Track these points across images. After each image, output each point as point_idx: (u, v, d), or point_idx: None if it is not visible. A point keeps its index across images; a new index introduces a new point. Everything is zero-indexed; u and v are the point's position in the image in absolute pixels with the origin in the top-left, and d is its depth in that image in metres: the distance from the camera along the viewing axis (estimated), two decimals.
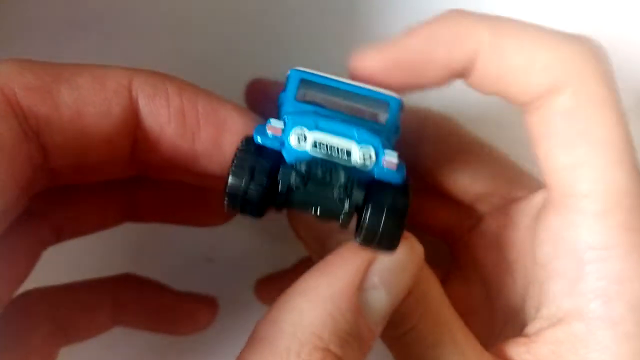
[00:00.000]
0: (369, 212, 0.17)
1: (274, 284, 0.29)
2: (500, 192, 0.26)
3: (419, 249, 0.19)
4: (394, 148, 0.18)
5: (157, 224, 0.26)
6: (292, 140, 0.17)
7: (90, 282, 0.26)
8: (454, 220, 0.27)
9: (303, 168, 0.17)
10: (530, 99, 0.21)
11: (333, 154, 0.18)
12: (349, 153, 0.17)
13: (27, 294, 0.23)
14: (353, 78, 0.21)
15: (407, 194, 0.18)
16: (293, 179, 0.17)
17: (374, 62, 0.21)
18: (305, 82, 0.20)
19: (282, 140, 0.18)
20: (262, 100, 0.25)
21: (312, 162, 0.17)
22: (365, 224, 0.18)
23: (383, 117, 0.20)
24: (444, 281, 0.27)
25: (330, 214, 0.18)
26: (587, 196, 0.19)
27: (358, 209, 0.18)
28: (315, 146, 0.17)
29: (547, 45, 0.20)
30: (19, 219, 0.19)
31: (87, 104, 0.18)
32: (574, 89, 0.20)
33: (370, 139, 0.18)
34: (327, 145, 0.17)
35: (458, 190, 0.26)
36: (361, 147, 0.18)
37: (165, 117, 0.19)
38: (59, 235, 0.23)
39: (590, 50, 0.20)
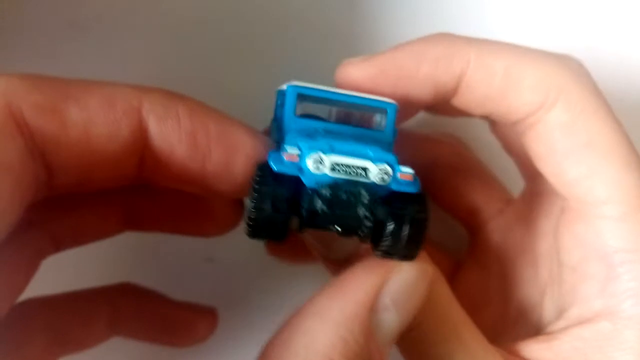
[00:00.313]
0: (392, 225, 0.18)
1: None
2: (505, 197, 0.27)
3: (430, 269, 0.20)
4: (393, 150, 0.19)
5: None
6: (310, 165, 0.18)
7: (88, 292, 0.25)
8: (481, 201, 0.27)
9: (328, 193, 0.18)
10: (521, 117, 0.21)
11: (351, 173, 0.18)
12: (366, 170, 0.18)
13: (26, 303, 0.23)
14: (339, 87, 0.22)
15: (426, 204, 0.19)
16: (319, 204, 0.18)
17: (360, 72, 0.22)
18: (303, 97, 0.20)
19: (300, 166, 0.18)
20: None
21: (334, 186, 0.18)
22: (388, 237, 0.18)
23: (382, 122, 0.21)
24: (459, 268, 0.28)
25: (353, 230, 0.18)
26: (605, 202, 0.20)
27: (378, 222, 0.18)
28: (334, 169, 0.18)
29: (533, 65, 0.21)
30: (17, 228, 0.18)
31: (95, 124, 0.17)
32: (564, 103, 0.20)
33: (384, 156, 0.18)
34: (345, 166, 0.18)
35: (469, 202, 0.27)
36: (377, 165, 0.18)
37: (175, 139, 0.19)
38: (58, 245, 0.23)
39: (573, 67, 0.21)
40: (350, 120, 0.21)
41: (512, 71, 0.21)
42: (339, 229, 0.18)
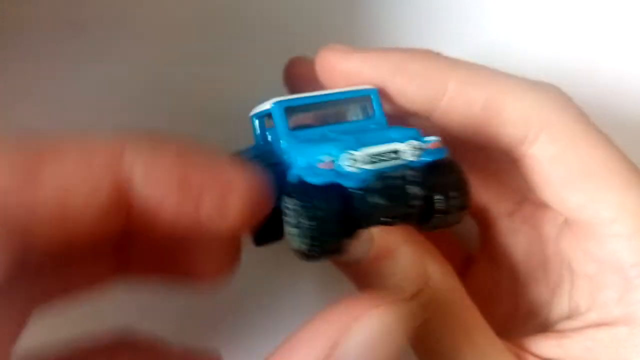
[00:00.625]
0: (439, 196, 0.19)
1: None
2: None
3: (397, 311, 0.16)
4: None
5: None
6: (348, 166, 0.18)
7: (81, 347, 0.21)
8: (492, 200, 0.27)
9: (379, 185, 0.18)
10: (504, 149, 0.22)
11: (387, 159, 0.18)
12: (397, 152, 0.18)
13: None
14: (319, 70, 0.22)
15: (459, 166, 0.19)
16: (375, 198, 0.17)
17: (339, 63, 0.22)
18: (290, 110, 0.20)
19: (337, 171, 0.18)
20: (302, 79, 0.25)
21: (381, 176, 0.18)
22: (440, 209, 0.19)
23: (369, 110, 0.21)
24: (469, 264, 0.28)
25: (407, 215, 0.18)
26: (614, 221, 0.21)
27: (427, 198, 0.18)
28: (372, 161, 0.18)
29: (513, 98, 0.21)
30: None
31: (73, 185, 0.15)
32: (549, 136, 0.21)
33: (407, 132, 0.19)
34: (379, 155, 0.18)
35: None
36: (406, 143, 0.18)
37: (164, 188, 0.17)
38: (48, 295, 0.20)
39: (556, 98, 0.21)
40: (339, 118, 0.21)
41: (491, 104, 0.21)
42: (392, 219, 0.18)
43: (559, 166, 0.21)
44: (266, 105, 0.21)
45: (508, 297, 0.26)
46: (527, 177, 0.22)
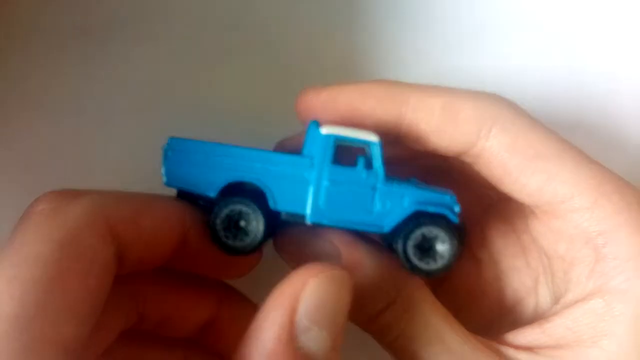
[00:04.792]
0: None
1: None
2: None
3: (341, 273, 0.20)
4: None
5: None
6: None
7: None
8: (467, 200, 0.28)
9: None
10: (464, 147, 0.24)
11: None
12: None
13: None
14: (298, 112, 0.26)
15: None
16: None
17: (315, 99, 0.25)
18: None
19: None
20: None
21: None
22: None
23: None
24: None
25: None
26: (573, 196, 0.22)
27: None
28: None
29: (467, 100, 0.24)
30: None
31: (159, 230, 0.23)
32: (501, 128, 0.23)
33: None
34: None
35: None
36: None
37: (205, 242, 0.24)
38: (143, 319, 0.25)
39: (504, 100, 0.24)
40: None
41: (448, 107, 0.23)
42: None
43: (513, 154, 0.23)
44: (367, 137, 0.23)
45: (493, 290, 0.27)
46: (488, 171, 0.24)
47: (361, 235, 0.24)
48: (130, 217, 0.22)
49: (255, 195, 0.23)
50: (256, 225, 0.23)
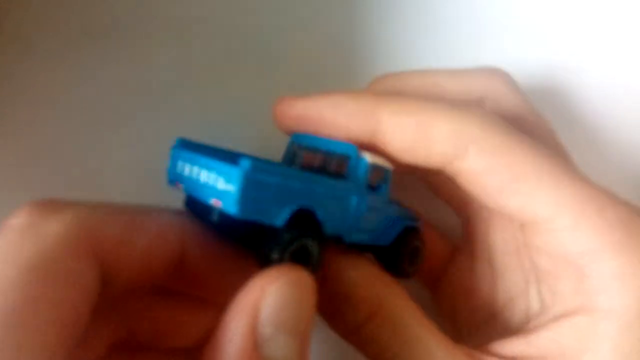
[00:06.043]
0: None
1: None
2: None
3: (300, 278, 0.19)
4: None
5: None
6: None
7: None
8: (471, 199, 0.28)
9: None
10: (438, 166, 0.23)
11: None
12: None
13: None
14: (274, 121, 0.25)
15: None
16: None
17: (289, 110, 0.24)
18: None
19: None
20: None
21: None
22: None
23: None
24: (453, 255, 0.30)
25: None
26: (554, 217, 0.22)
27: None
28: None
29: (442, 119, 0.22)
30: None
31: (152, 250, 0.21)
32: (477, 150, 0.22)
33: None
34: None
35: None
36: None
37: (207, 260, 0.23)
38: (133, 335, 0.24)
39: (482, 116, 0.22)
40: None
41: (422, 126, 0.22)
42: None
43: (491, 176, 0.22)
44: (386, 164, 0.24)
45: (486, 286, 0.27)
46: (468, 190, 0.24)
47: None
48: (119, 234, 0.20)
49: (308, 220, 0.21)
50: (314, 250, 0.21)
